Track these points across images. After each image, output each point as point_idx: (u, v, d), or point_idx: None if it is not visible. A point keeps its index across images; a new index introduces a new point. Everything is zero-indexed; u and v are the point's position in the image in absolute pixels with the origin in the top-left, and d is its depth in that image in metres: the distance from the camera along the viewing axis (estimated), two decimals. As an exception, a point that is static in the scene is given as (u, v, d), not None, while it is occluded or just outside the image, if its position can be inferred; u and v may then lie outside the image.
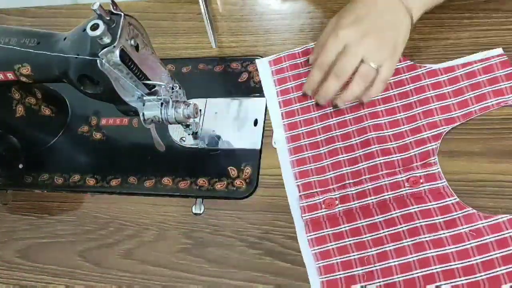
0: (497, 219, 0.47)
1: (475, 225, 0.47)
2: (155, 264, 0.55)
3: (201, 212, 0.57)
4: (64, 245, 0.59)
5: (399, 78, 0.57)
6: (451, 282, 0.46)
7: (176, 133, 0.61)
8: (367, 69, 0.50)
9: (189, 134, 0.60)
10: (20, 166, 0.62)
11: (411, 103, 0.55)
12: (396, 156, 0.53)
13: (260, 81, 0.62)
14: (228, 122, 0.60)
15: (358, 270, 0.48)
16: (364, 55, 0.50)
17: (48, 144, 0.66)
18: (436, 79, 0.55)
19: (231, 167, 0.57)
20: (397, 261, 0.48)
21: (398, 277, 0.47)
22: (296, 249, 0.52)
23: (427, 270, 0.47)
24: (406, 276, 0.47)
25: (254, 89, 0.61)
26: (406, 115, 0.55)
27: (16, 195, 0.65)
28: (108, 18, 0.43)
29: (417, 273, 0.47)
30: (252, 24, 0.67)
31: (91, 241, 0.58)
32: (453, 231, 0.48)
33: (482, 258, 0.46)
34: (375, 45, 0.50)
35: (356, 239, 0.50)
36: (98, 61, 0.45)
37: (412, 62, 0.57)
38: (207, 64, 0.65)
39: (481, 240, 0.47)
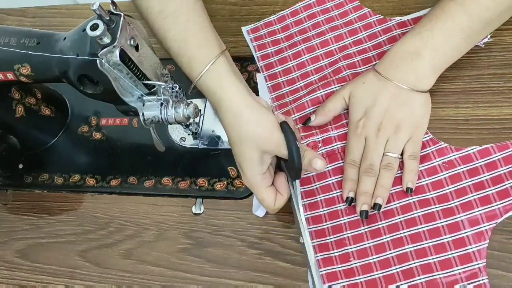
0: (467, 151, 0.50)
1: (447, 157, 0.50)
2: (155, 264, 0.55)
3: (201, 212, 0.57)
4: (64, 245, 0.59)
5: (371, 32, 0.60)
6: (425, 210, 0.48)
7: (176, 133, 0.61)
8: (388, 160, 0.50)
9: (189, 134, 0.60)
10: (20, 166, 0.62)
11: (384, 52, 0.56)
12: None
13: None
14: (228, 122, 0.60)
15: (351, 248, 0.49)
16: (384, 147, 0.50)
17: (48, 144, 0.66)
18: (406, 29, 0.58)
19: (231, 167, 0.57)
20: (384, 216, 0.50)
21: (386, 238, 0.49)
22: (296, 249, 0.52)
23: (404, 201, 0.49)
24: (388, 222, 0.49)
25: (254, 89, 0.61)
26: None
27: (16, 195, 0.65)
28: (108, 18, 0.43)
29: (396, 205, 0.49)
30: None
31: (91, 241, 0.59)
32: (427, 164, 0.50)
33: (455, 186, 0.49)
34: (391, 132, 0.50)
35: (350, 213, 0.51)
36: (98, 61, 0.45)
37: (382, 16, 0.60)
38: (207, 64, 0.65)
39: (453, 171, 0.49)
